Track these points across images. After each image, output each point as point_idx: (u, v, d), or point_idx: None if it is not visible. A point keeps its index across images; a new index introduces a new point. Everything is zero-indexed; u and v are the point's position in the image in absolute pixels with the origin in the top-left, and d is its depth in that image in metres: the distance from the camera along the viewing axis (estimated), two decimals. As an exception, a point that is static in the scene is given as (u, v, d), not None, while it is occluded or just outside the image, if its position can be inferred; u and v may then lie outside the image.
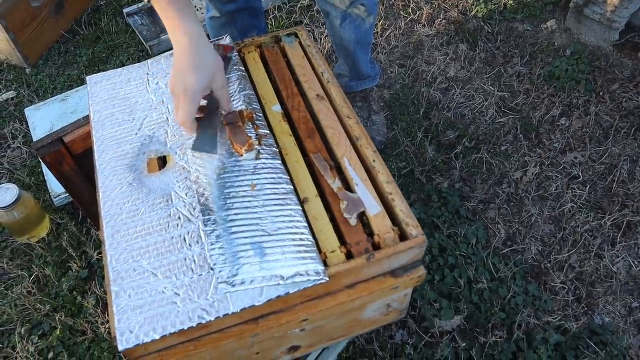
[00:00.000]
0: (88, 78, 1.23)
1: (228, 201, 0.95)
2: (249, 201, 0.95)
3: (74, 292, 1.59)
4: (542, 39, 2.26)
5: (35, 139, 1.93)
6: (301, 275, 0.86)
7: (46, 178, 1.83)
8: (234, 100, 1.12)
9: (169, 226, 0.94)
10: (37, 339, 1.51)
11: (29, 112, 2.04)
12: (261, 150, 1.02)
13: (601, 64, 2.13)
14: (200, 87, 0.98)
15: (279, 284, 0.86)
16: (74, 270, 1.63)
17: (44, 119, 2.00)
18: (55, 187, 1.77)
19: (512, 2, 2.41)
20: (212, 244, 0.89)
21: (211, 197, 0.95)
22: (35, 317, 1.55)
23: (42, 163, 1.87)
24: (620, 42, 2.17)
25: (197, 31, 1.00)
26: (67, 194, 1.74)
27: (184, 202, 0.97)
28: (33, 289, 1.60)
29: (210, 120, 1.05)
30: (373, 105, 1.93)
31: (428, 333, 1.47)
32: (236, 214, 0.93)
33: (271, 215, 0.93)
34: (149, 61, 1.24)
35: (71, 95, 2.07)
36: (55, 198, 1.76)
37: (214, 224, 0.92)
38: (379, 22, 2.34)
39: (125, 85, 1.20)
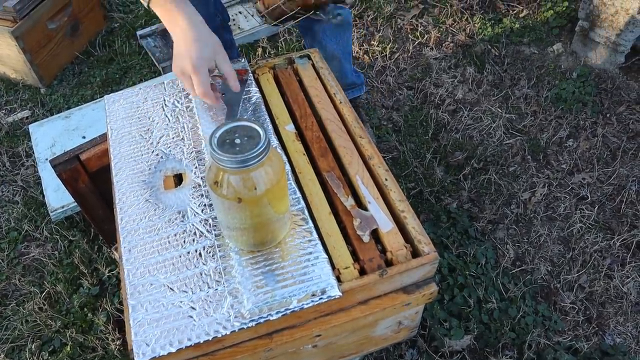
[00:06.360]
0: (106, 97, 1.26)
1: None
2: None
3: (85, 309, 1.60)
4: (549, 61, 2.29)
5: (36, 155, 1.96)
6: (314, 295, 0.88)
7: (44, 193, 1.84)
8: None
9: (184, 241, 0.96)
10: (47, 355, 1.51)
11: (32, 128, 2.06)
12: None
13: (607, 86, 2.16)
14: (202, 55, 1.06)
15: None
16: (85, 287, 1.64)
17: (46, 135, 2.02)
18: (52, 201, 1.79)
19: (518, 25, 2.45)
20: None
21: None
22: (45, 333, 1.56)
23: (41, 179, 1.89)
24: (626, 65, 2.20)
25: (196, 15, 1.09)
26: (64, 209, 1.77)
27: (200, 217, 0.99)
28: (44, 305, 1.61)
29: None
30: (362, 114, 2.00)
31: (438, 352, 1.47)
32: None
33: (283, 240, 0.95)
34: (165, 81, 1.27)
35: (74, 113, 2.10)
36: (52, 212, 1.77)
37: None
38: (387, 45, 2.38)
39: (142, 104, 1.23)
